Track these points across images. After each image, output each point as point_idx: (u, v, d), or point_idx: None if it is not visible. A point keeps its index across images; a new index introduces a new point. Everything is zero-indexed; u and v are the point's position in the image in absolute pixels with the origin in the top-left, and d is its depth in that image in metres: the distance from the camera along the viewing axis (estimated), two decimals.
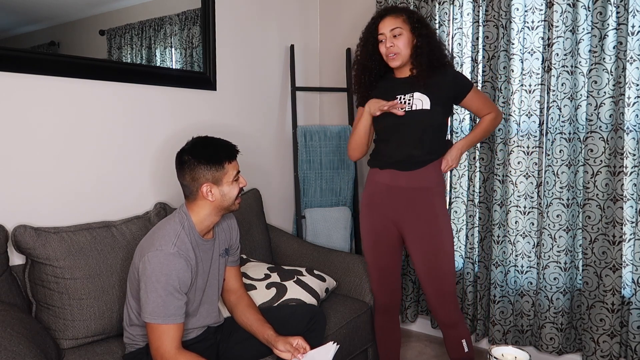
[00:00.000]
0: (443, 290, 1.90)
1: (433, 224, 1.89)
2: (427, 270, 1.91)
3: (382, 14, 1.89)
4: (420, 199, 1.90)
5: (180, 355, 1.43)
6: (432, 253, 1.89)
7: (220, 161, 1.54)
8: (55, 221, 1.79)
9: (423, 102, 1.86)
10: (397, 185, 1.91)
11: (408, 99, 1.88)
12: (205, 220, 1.58)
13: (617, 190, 2.13)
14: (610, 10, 2.08)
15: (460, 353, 1.97)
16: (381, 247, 2.00)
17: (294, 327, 1.71)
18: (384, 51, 1.88)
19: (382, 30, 1.86)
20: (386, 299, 2.06)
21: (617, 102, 2.10)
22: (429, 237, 1.89)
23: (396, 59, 1.86)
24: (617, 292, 2.16)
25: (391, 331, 2.12)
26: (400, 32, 1.84)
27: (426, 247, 1.89)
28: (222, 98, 2.46)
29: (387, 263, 2.01)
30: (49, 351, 1.47)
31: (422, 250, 1.90)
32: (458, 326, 1.95)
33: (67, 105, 1.82)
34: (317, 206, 2.80)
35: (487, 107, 1.97)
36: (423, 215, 1.89)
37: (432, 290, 1.92)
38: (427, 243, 1.89)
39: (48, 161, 1.78)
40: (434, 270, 1.89)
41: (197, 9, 2.28)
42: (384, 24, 1.86)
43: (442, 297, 1.91)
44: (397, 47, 1.84)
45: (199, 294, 1.61)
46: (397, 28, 1.83)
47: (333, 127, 2.84)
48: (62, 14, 1.80)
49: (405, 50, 1.85)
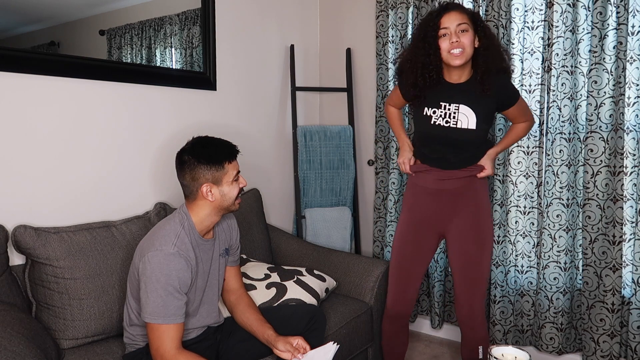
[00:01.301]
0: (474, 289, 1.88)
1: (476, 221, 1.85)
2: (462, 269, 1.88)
3: (446, 7, 1.73)
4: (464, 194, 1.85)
5: (180, 355, 1.43)
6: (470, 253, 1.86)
7: (220, 161, 1.54)
8: (55, 221, 1.79)
9: (469, 120, 1.75)
10: (439, 188, 1.86)
11: (453, 111, 1.76)
12: (205, 220, 1.58)
13: (617, 190, 2.13)
14: (610, 10, 2.08)
15: (473, 357, 1.93)
16: (413, 246, 1.93)
17: (294, 327, 1.71)
18: (446, 47, 1.70)
19: (447, 24, 1.69)
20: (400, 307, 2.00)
21: (617, 102, 2.11)
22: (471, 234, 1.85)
23: (461, 57, 1.70)
24: (617, 292, 2.16)
25: (399, 336, 2.07)
26: (467, 28, 1.70)
27: (466, 246, 1.86)
28: (222, 98, 2.46)
29: (413, 269, 1.95)
30: (49, 351, 1.47)
31: (461, 249, 1.87)
32: (479, 329, 1.91)
33: (67, 106, 1.82)
34: (317, 206, 2.80)
35: (524, 116, 1.90)
36: (466, 211, 1.85)
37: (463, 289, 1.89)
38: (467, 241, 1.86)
39: (48, 161, 1.78)
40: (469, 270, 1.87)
41: (197, 9, 2.28)
42: (449, 17, 1.70)
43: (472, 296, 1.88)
44: (463, 43, 1.69)
45: (199, 294, 1.61)
46: (464, 23, 1.69)
47: (333, 127, 2.84)
48: (62, 14, 1.80)
49: (469, 48, 1.70)
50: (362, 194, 2.97)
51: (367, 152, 2.94)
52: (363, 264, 2.26)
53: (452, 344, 2.69)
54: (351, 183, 2.85)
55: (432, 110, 1.80)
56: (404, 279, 1.97)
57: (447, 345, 2.68)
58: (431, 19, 1.75)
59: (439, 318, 2.68)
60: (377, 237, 2.84)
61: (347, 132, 2.84)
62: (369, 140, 2.91)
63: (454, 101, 1.77)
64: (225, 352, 1.69)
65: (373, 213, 2.88)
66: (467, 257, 1.87)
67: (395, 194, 2.74)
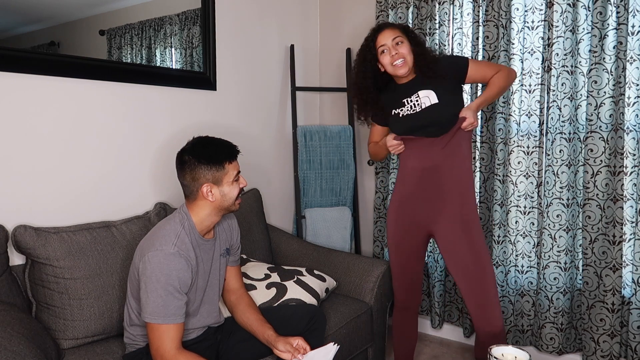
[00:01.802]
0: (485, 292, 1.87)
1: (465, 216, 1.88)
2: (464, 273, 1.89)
3: (378, 29, 1.93)
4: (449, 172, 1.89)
5: (181, 355, 1.43)
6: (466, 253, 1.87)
7: (220, 161, 1.54)
8: (55, 221, 1.79)
9: (430, 98, 1.89)
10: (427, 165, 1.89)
11: (415, 100, 1.92)
12: (206, 221, 1.58)
13: (617, 190, 2.13)
14: (610, 10, 2.08)
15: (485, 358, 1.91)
16: (405, 247, 2.00)
17: (294, 327, 1.71)
18: (387, 61, 1.89)
19: (384, 42, 1.88)
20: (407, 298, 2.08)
21: (617, 102, 2.11)
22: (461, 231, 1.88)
23: (403, 66, 1.88)
24: (617, 292, 2.16)
25: (408, 328, 2.14)
26: (402, 40, 1.88)
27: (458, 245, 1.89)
28: (222, 98, 2.46)
29: (413, 264, 2.02)
30: (49, 351, 1.47)
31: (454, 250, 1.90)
32: (499, 337, 1.88)
33: (67, 106, 1.82)
34: (317, 206, 2.80)
35: (491, 70, 1.95)
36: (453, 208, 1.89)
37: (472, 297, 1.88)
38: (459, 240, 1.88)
39: (48, 161, 1.78)
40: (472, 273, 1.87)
41: (197, 9, 2.28)
42: (384, 35, 1.89)
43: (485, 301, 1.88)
44: (402, 53, 1.87)
45: (199, 294, 1.61)
46: (398, 37, 1.88)
47: (333, 127, 2.84)
48: (62, 14, 1.80)
49: (409, 56, 1.88)
50: (362, 194, 2.97)
51: (367, 152, 2.94)
52: (363, 264, 2.26)
53: (452, 344, 2.69)
54: (351, 183, 2.85)
55: (399, 109, 1.96)
56: (405, 274, 2.05)
57: (447, 345, 2.68)
58: (367, 43, 1.93)
59: (439, 318, 2.68)
60: (377, 237, 2.84)
61: (347, 132, 2.84)
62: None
63: (413, 92, 1.92)
64: (226, 352, 1.69)
65: (373, 213, 2.88)
66: (466, 265, 1.88)
67: None
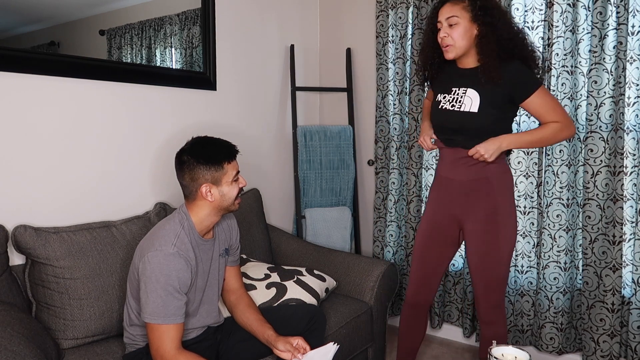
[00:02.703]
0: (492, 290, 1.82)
1: (491, 221, 1.75)
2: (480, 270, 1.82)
3: (441, 1, 1.74)
4: (478, 192, 1.76)
5: (180, 355, 1.43)
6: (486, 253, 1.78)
7: (219, 161, 1.54)
8: (55, 221, 1.79)
9: (472, 102, 1.70)
10: (455, 178, 1.79)
11: (461, 95, 1.73)
12: (205, 221, 1.58)
13: (617, 190, 2.13)
14: (610, 10, 2.08)
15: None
16: (433, 241, 1.88)
17: (294, 327, 1.71)
18: (439, 40, 1.73)
19: (440, 18, 1.71)
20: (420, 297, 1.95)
21: (617, 102, 2.10)
22: (485, 234, 1.77)
23: (449, 51, 1.71)
24: (617, 292, 2.16)
25: (416, 325, 2.01)
26: (456, 22, 1.67)
27: (480, 246, 1.78)
28: (222, 98, 2.46)
29: (434, 259, 1.90)
30: (49, 351, 1.47)
31: (476, 249, 1.80)
32: (495, 326, 1.86)
33: (67, 106, 1.82)
34: (317, 206, 2.80)
35: (554, 115, 1.67)
36: (481, 212, 1.76)
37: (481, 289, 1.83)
38: (482, 241, 1.78)
39: (48, 161, 1.78)
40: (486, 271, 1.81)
41: (197, 9, 2.28)
42: (443, 11, 1.70)
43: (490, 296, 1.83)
44: (451, 39, 1.69)
45: (199, 294, 1.61)
46: (453, 17, 1.67)
47: (333, 127, 2.84)
48: (62, 14, 1.80)
49: (460, 41, 1.68)
50: (362, 194, 2.97)
51: (367, 152, 2.94)
52: (363, 264, 2.26)
53: (452, 344, 2.69)
54: (351, 183, 2.85)
55: (443, 95, 1.80)
56: (425, 271, 1.92)
57: (447, 345, 2.68)
58: (433, 10, 1.78)
59: (438, 318, 2.68)
60: (377, 237, 2.84)
61: (347, 132, 2.84)
62: (369, 140, 2.91)
63: (463, 85, 1.74)
64: (225, 352, 1.69)
65: (373, 213, 2.88)
66: (481, 259, 1.79)
67: (395, 194, 2.74)
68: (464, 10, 1.67)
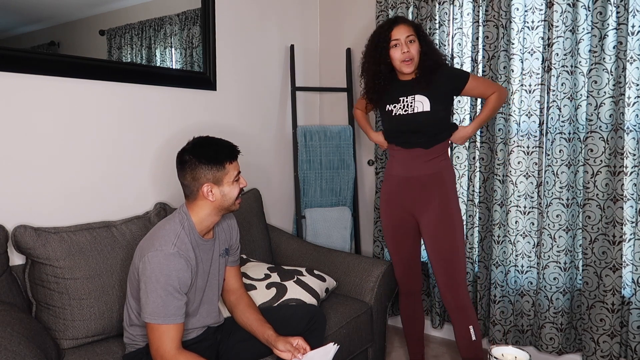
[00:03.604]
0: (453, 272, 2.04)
1: (445, 209, 2.03)
2: (438, 254, 2.04)
3: (394, 21, 2.01)
4: (433, 185, 2.04)
5: (180, 355, 1.43)
6: (443, 239, 2.02)
7: (221, 161, 1.54)
8: (55, 221, 1.79)
9: (424, 104, 2.01)
10: (411, 175, 2.06)
11: (410, 101, 2.03)
12: (206, 220, 1.58)
13: (617, 190, 2.13)
14: (610, 10, 2.08)
15: (467, 341, 2.03)
16: (401, 236, 2.15)
17: (294, 327, 1.71)
18: (398, 56, 1.99)
19: (398, 36, 1.97)
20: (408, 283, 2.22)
21: (617, 102, 2.11)
22: (440, 222, 2.03)
23: (411, 65, 1.99)
24: (617, 292, 2.16)
25: (415, 312, 2.27)
26: (413, 39, 1.99)
27: (437, 232, 2.03)
28: (222, 98, 2.46)
29: (408, 251, 2.17)
30: (49, 351, 1.47)
31: (434, 236, 2.04)
32: (466, 310, 2.04)
33: (67, 106, 1.82)
34: (317, 206, 2.80)
35: (490, 88, 2.07)
36: (435, 202, 2.03)
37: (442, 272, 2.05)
38: (438, 228, 2.03)
39: (48, 161, 1.78)
40: (445, 254, 2.03)
41: (197, 9, 2.28)
42: (399, 30, 1.98)
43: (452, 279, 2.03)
44: (411, 53, 1.98)
45: (199, 294, 1.61)
46: (411, 35, 1.98)
47: (333, 127, 2.84)
48: (62, 14, 1.80)
49: (417, 57, 2.00)
50: (362, 194, 2.98)
51: (367, 152, 2.94)
52: (363, 264, 2.26)
53: (452, 344, 2.69)
54: (351, 183, 2.85)
55: (393, 105, 2.07)
56: (404, 263, 2.19)
57: (447, 345, 2.68)
58: (382, 31, 2.01)
59: (439, 318, 2.68)
60: (377, 237, 2.84)
61: (347, 132, 2.84)
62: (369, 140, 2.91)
63: (410, 94, 2.04)
64: (225, 352, 1.69)
65: (373, 213, 2.88)
66: (441, 246, 2.03)
67: None
68: (415, 31, 2.01)
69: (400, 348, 2.65)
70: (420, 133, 2.03)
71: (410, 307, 2.27)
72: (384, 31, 2.01)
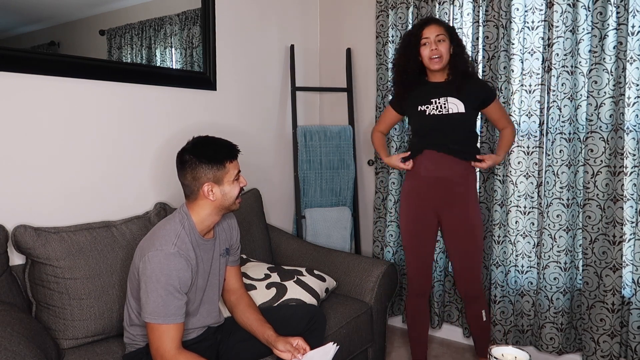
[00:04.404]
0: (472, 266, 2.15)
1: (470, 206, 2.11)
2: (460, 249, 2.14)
3: (426, 21, 2.09)
4: (460, 184, 2.10)
5: (181, 355, 1.43)
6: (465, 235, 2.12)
7: (221, 160, 1.54)
8: (55, 221, 1.79)
9: (458, 106, 2.07)
10: (438, 175, 2.10)
11: (443, 102, 2.08)
12: (206, 220, 1.58)
13: (617, 190, 2.13)
14: (610, 10, 2.09)
15: (479, 323, 2.22)
16: (421, 233, 2.18)
17: (294, 327, 1.71)
18: (427, 54, 2.05)
19: (427, 35, 2.04)
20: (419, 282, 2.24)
21: (617, 102, 2.11)
22: (465, 218, 2.11)
23: (439, 62, 2.04)
24: (617, 292, 2.16)
25: (422, 314, 2.29)
26: (443, 39, 2.04)
27: (461, 228, 2.12)
28: (222, 98, 2.46)
29: (425, 249, 2.20)
30: (49, 351, 1.47)
31: (457, 231, 2.13)
32: (480, 298, 2.20)
33: (66, 106, 1.82)
34: (317, 206, 2.80)
35: (505, 120, 2.18)
36: (460, 199, 2.10)
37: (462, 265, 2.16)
38: (463, 224, 2.11)
39: (48, 161, 1.78)
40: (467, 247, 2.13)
41: (197, 9, 2.28)
42: (430, 30, 2.04)
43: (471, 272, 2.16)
44: (440, 51, 2.03)
45: (199, 294, 1.61)
46: (441, 34, 2.03)
47: (333, 127, 2.84)
48: (62, 14, 1.80)
49: (446, 55, 2.04)
50: (362, 194, 2.97)
51: (367, 152, 2.94)
52: (363, 264, 2.26)
53: (452, 344, 2.69)
54: (351, 183, 2.85)
55: (425, 105, 2.11)
56: (420, 264, 2.20)
57: (447, 345, 2.68)
58: (414, 30, 2.09)
59: (438, 318, 2.68)
60: (377, 237, 2.84)
61: (347, 132, 2.84)
62: (369, 140, 2.91)
63: (442, 95, 2.09)
64: (226, 352, 1.69)
65: (373, 213, 2.88)
66: (462, 240, 2.12)
67: (395, 194, 2.74)
68: (447, 31, 2.06)
69: (400, 348, 2.65)
70: (451, 134, 2.08)
71: (417, 308, 2.27)
72: (415, 30, 2.08)
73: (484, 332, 2.25)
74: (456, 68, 2.06)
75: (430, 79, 2.13)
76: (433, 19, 2.11)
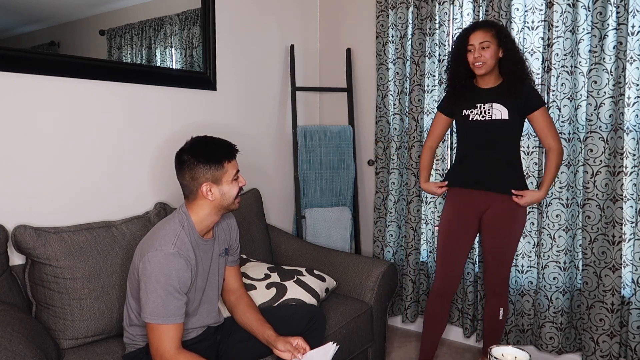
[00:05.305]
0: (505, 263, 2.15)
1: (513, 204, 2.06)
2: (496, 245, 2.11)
3: (474, 26, 2.05)
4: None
5: (180, 355, 1.43)
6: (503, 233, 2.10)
7: (219, 160, 1.54)
8: (55, 221, 1.79)
9: (502, 113, 2.03)
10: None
11: (487, 108, 2.05)
12: (205, 220, 1.58)
13: (616, 190, 2.13)
14: (610, 10, 2.09)
15: (495, 320, 2.21)
16: (460, 233, 2.15)
17: (294, 327, 1.71)
18: (471, 60, 2.04)
19: (472, 42, 2.02)
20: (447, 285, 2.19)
21: (617, 102, 2.11)
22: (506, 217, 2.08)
23: (482, 68, 2.02)
24: (616, 292, 2.16)
25: (442, 314, 2.24)
26: (488, 45, 2.00)
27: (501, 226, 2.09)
28: (222, 98, 2.46)
29: (460, 249, 2.17)
30: (49, 351, 1.47)
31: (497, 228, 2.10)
32: (503, 296, 2.19)
33: (67, 106, 1.82)
34: (317, 206, 2.81)
35: (551, 134, 2.03)
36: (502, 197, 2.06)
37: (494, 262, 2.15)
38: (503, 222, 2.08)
39: (48, 161, 1.78)
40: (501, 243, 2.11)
41: (197, 9, 2.28)
42: (475, 36, 2.01)
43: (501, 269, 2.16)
44: (484, 57, 2.00)
45: (198, 294, 1.61)
46: (485, 41, 1.99)
47: (333, 127, 2.84)
48: (62, 14, 1.80)
49: (490, 60, 2.00)
50: (362, 194, 2.98)
51: (367, 152, 2.94)
52: (363, 264, 2.26)
53: (452, 344, 2.69)
54: (351, 183, 2.85)
55: (470, 110, 2.08)
56: (455, 256, 2.16)
57: (447, 346, 2.68)
58: (462, 36, 2.08)
59: None
60: (377, 237, 2.84)
61: (347, 132, 2.84)
62: (369, 140, 2.92)
63: (487, 101, 2.06)
64: (225, 352, 1.69)
65: (373, 213, 2.88)
66: (501, 238, 2.09)
67: (395, 194, 2.74)
68: (494, 37, 2.00)
69: (400, 348, 2.65)
70: (495, 145, 2.05)
71: (439, 307, 2.22)
72: (462, 36, 2.07)
73: (496, 331, 2.23)
74: (507, 73, 2.02)
75: (481, 84, 2.10)
76: (481, 24, 2.06)
